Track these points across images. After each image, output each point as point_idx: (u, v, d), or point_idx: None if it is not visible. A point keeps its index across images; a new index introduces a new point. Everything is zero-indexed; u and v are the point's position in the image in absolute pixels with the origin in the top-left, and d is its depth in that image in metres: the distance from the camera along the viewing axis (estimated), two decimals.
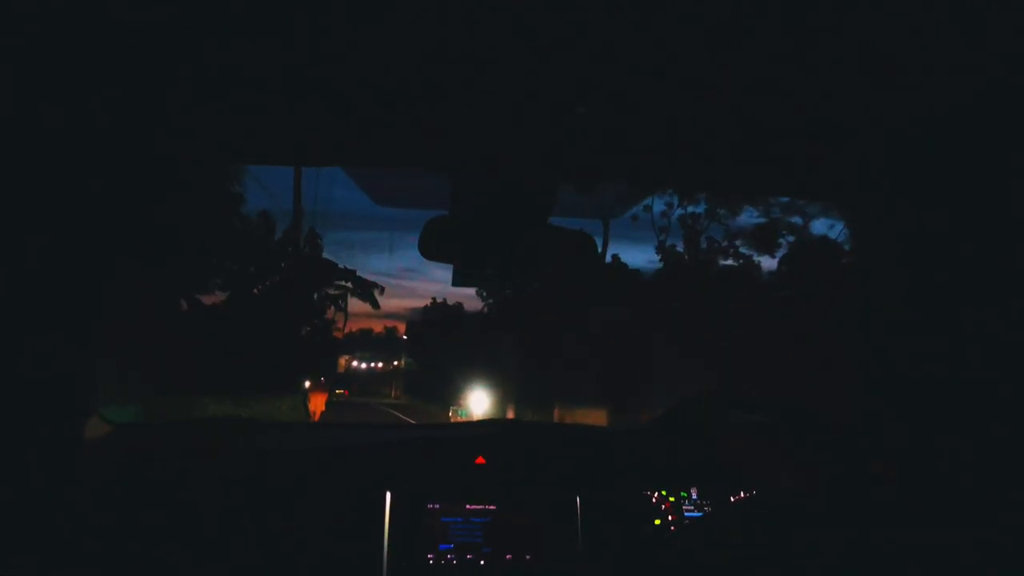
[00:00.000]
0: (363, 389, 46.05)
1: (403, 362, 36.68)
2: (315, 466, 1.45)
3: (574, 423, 3.71)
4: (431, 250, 1.28)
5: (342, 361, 56.97)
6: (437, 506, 1.46)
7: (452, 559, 1.44)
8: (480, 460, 1.53)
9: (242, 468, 1.41)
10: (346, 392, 42.98)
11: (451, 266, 1.44)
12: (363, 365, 54.46)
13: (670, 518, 1.54)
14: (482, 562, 1.44)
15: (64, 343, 1.08)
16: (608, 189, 1.38)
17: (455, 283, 1.41)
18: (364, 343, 57.22)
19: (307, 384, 18.37)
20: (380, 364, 46.60)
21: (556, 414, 14.44)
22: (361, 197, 1.50)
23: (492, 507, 1.48)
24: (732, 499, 1.55)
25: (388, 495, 1.42)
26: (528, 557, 1.45)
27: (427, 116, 1.05)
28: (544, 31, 0.81)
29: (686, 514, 1.55)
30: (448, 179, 1.28)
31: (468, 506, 1.47)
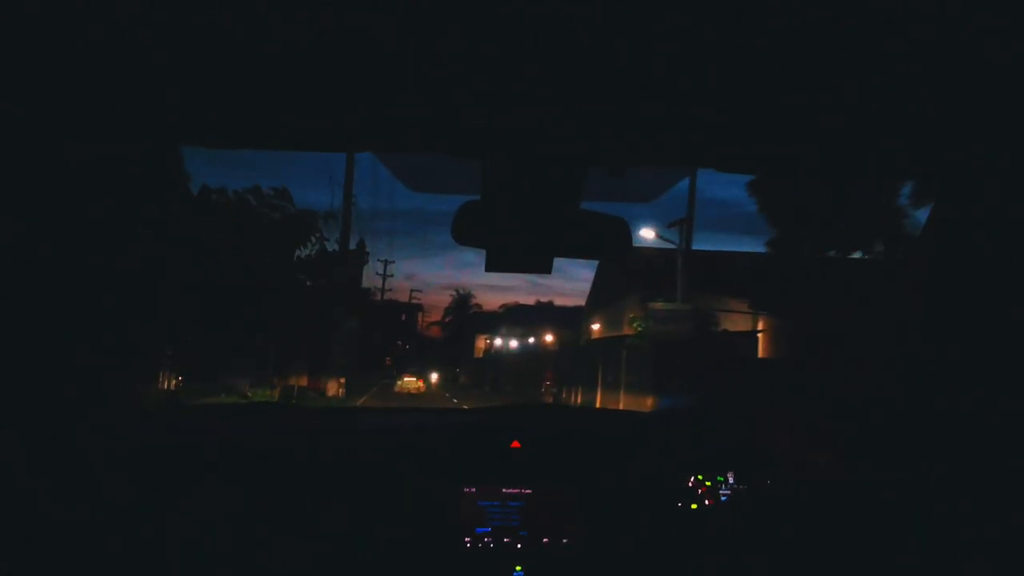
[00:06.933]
0: (520, 387, 31.11)
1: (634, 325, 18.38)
2: (351, 450, 1.56)
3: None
4: (463, 235, 1.33)
5: (480, 343, 49.32)
6: (473, 490, 1.54)
7: (489, 542, 1.51)
8: (516, 444, 1.60)
9: (277, 451, 1.51)
10: (419, 382, 31.83)
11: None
12: (512, 343, 43.03)
13: (707, 502, 1.58)
14: (519, 545, 1.52)
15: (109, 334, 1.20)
16: (639, 174, 1.39)
17: (488, 269, 1.45)
18: (514, 317, 46.96)
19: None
20: (549, 337, 34.24)
21: None
22: None
23: (528, 491, 1.55)
24: (769, 483, 1.59)
25: (425, 479, 1.51)
26: (564, 541, 1.53)
27: (456, 102, 1.06)
28: (575, 14, 0.82)
29: (722, 499, 1.60)
30: (479, 165, 1.31)
31: (504, 490, 1.55)
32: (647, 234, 16.95)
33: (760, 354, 15.64)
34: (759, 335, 16.53)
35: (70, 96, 0.97)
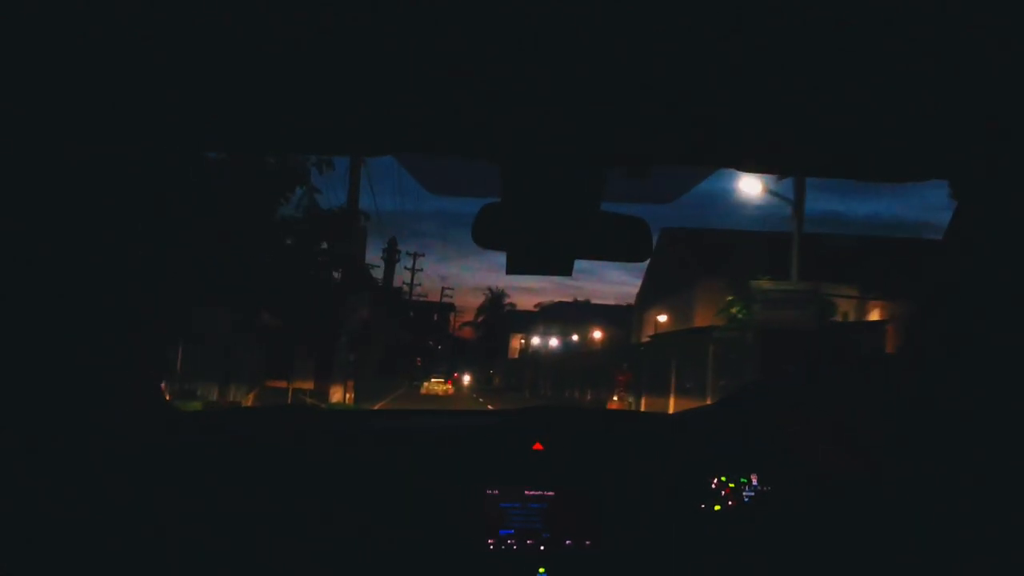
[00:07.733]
0: (560, 389, 30.73)
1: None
2: (373, 453, 1.56)
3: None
4: (484, 238, 1.34)
5: (515, 343, 47.48)
6: (496, 492, 1.54)
7: (512, 544, 1.51)
8: (538, 446, 1.60)
9: (297, 454, 1.50)
10: (448, 384, 32.87)
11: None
12: (552, 342, 40.04)
13: (730, 504, 1.54)
14: (542, 547, 1.52)
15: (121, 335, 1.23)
16: (661, 174, 1.36)
17: (509, 271, 1.46)
18: (552, 315, 44.47)
19: None
20: (597, 334, 30.68)
21: None
22: None
23: (550, 493, 1.55)
24: (794, 486, 1.53)
25: (447, 481, 1.52)
26: (587, 543, 1.53)
27: (456, 102, 1.06)
28: (575, 14, 0.82)
29: (746, 500, 1.55)
30: (498, 167, 1.31)
31: (526, 492, 1.54)
32: (751, 190, 13.29)
33: (889, 348, 12.14)
34: (888, 327, 12.93)
35: (70, 96, 0.98)
